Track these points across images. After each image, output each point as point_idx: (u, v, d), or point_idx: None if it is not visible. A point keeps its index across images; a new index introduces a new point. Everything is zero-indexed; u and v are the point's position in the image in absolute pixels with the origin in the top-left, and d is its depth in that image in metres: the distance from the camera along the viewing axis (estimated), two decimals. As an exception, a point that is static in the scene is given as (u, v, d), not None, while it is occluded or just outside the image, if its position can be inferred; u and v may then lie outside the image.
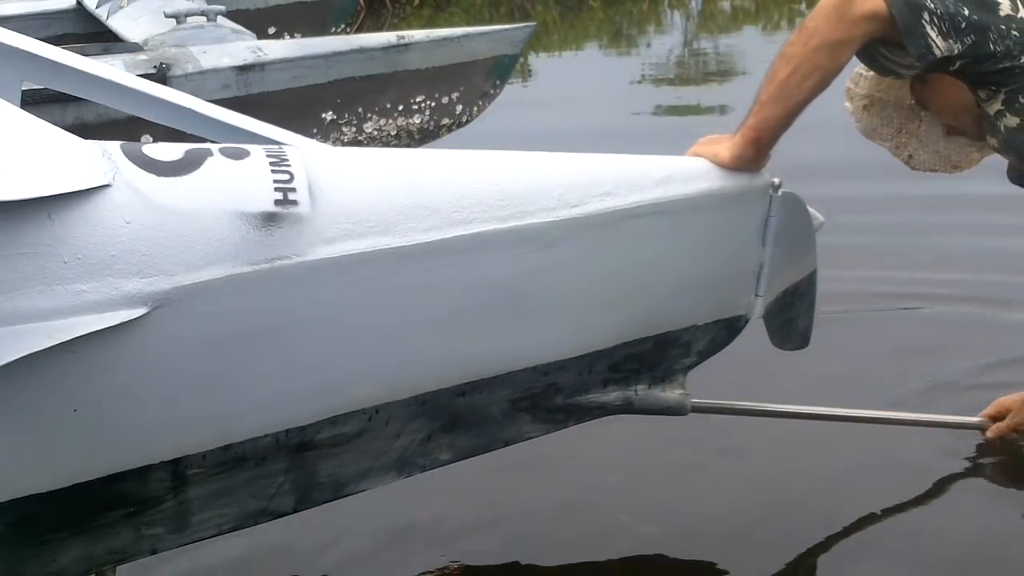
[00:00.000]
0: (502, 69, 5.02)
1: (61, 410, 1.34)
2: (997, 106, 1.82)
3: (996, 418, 2.50)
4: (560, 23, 11.43)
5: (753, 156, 1.80)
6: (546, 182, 1.65)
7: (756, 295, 1.94)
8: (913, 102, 2.14)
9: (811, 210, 1.98)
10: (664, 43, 9.80)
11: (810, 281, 2.06)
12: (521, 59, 5.40)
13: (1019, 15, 1.76)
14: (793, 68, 1.73)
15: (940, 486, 2.54)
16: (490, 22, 11.19)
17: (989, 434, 2.50)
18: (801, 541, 2.32)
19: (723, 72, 8.14)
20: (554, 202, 1.63)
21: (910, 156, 2.22)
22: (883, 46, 1.76)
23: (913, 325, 3.37)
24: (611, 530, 2.36)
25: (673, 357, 1.92)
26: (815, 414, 2.41)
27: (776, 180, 1.86)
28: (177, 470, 1.46)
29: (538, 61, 8.95)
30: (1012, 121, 1.82)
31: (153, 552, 1.56)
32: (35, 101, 1.96)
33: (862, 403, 2.51)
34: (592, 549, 2.31)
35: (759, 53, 7.71)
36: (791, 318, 2.08)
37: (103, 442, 1.39)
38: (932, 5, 1.69)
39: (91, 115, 3.98)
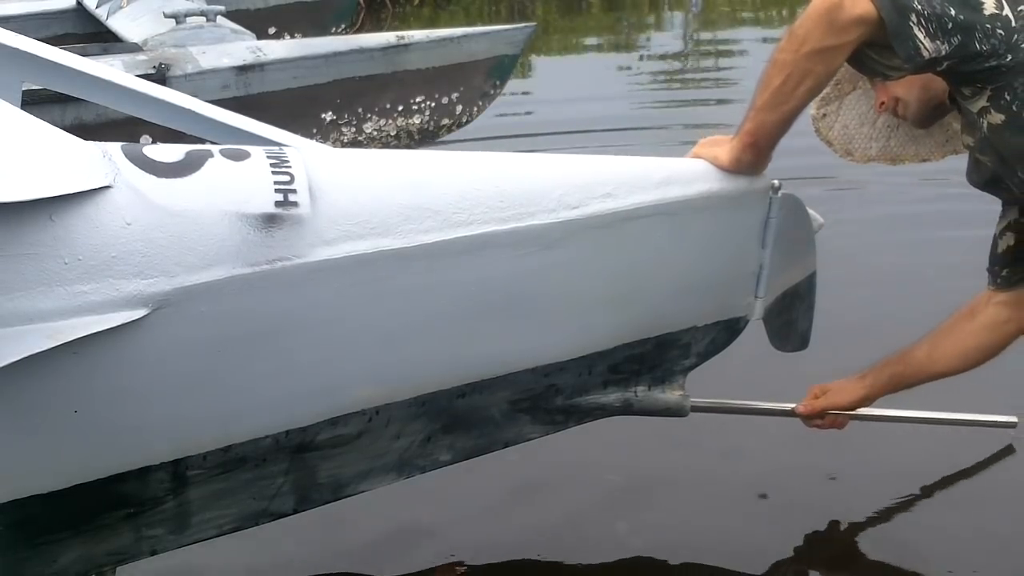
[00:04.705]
0: (502, 69, 5.03)
1: (62, 411, 1.34)
2: (982, 103, 1.81)
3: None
4: (560, 23, 11.43)
5: (751, 160, 1.80)
6: (546, 183, 1.65)
7: (756, 296, 1.94)
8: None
9: (811, 212, 1.99)
10: (664, 43, 9.80)
11: (810, 283, 2.07)
12: (521, 59, 5.40)
13: (1003, 13, 1.75)
14: (786, 75, 1.72)
15: (941, 486, 2.55)
16: (490, 22, 11.19)
17: (800, 408, 2.25)
18: (801, 541, 2.33)
19: (723, 72, 8.13)
20: (554, 203, 1.63)
21: (824, 115, 2.17)
22: (870, 48, 1.75)
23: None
24: (611, 532, 2.36)
25: (673, 358, 1.92)
26: None
27: (776, 182, 1.86)
28: (177, 471, 1.46)
29: (538, 61, 8.95)
30: (996, 118, 1.81)
31: (153, 553, 1.56)
32: (35, 101, 1.96)
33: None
34: (593, 551, 2.31)
35: (759, 53, 7.72)
36: (790, 319, 2.08)
37: (103, 443, 1.39)
38: (919, 7, 1.68)
39: (91, 115, 3.97)
